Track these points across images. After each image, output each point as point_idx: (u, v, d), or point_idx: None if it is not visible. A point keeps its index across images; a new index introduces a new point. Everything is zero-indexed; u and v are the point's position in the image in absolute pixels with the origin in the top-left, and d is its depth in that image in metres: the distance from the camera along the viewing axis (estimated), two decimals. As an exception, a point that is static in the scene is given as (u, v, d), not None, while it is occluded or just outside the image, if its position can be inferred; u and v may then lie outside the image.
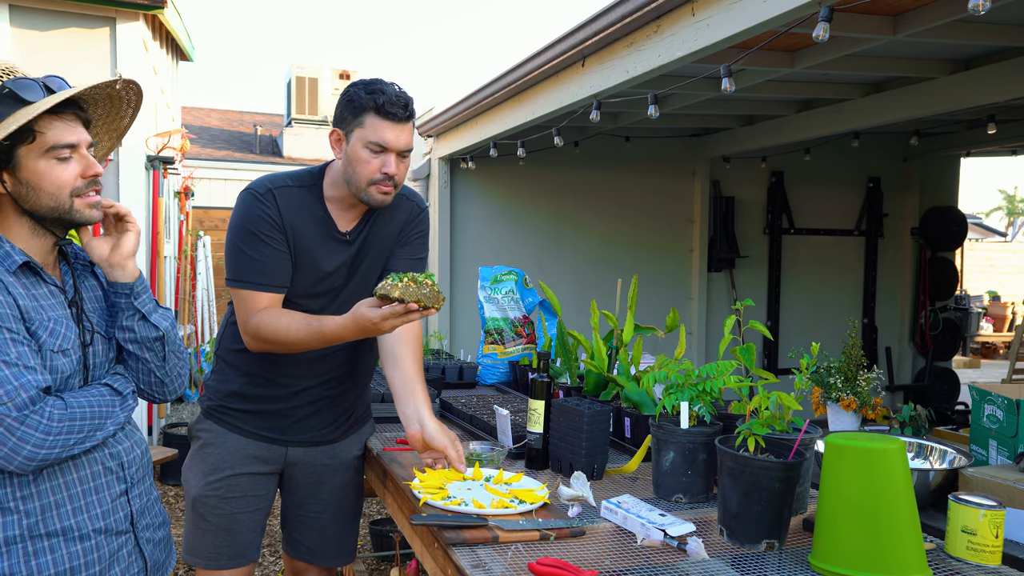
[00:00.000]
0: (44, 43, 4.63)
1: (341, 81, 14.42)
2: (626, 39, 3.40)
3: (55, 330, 1.42)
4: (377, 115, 1.90)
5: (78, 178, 1.44)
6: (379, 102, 1.89)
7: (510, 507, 1.74)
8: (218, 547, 2.11)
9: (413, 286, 1.78)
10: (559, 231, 6.17)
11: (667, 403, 1.89)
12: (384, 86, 1.93)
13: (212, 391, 2.16)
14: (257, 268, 1.95)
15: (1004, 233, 23.69)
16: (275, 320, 1.93)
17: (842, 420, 2.64)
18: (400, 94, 1.92)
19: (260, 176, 2.06)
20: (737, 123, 5.81)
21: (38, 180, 1.41)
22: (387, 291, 1.78)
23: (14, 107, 1.39)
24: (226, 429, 2.12)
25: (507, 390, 3.19)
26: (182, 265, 7.65)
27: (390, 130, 1.91)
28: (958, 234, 7.07)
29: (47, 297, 1.45)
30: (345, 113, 1.94)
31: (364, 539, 4.45)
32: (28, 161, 1.41)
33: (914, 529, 1.44)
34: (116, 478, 1.51)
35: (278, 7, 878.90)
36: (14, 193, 1.42)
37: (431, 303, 1.78)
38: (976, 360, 12.30)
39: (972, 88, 4.04)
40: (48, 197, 1.42)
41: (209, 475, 2.10)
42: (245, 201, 1.98)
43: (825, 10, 2.50)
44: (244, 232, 1.96)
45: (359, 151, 1.92)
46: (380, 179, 1.93)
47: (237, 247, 1.97)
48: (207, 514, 2.10)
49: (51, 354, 1.40)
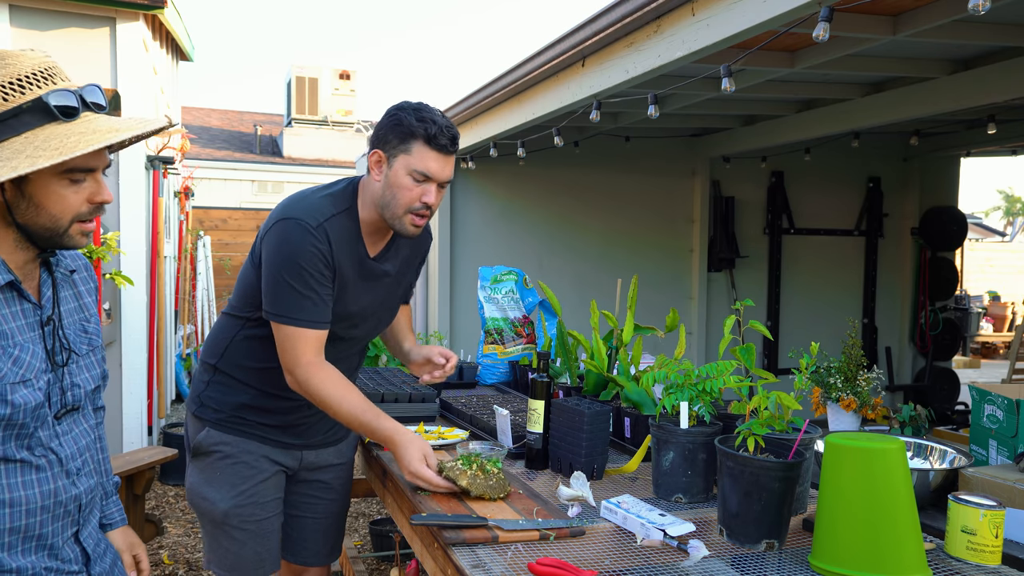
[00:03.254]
0: (44, 43, 4.63)
1: (341, 81, 14.42)
2: (626, 39, 3.39)
3: (19, 358, 1.30)
4: (427, 145, 1.86)
5: (85, 203, 1.31)
6: (430, 132, 1.86)
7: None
8: (261, 555, 2.08)
9: (481, 476, 1.82)
10: (559, 231, 6.16)
11: (667, 403, 1.89)
12: (435, 115, 1.89)
13: (217, 403, 2.08)
14: (308, 306, 1.89)
15: (1004, 233, 23.69)
16: (331, 386, 1.90)
17: (842, 420, 2.64)
18: (449, 125, 1.90)
19: (299, 201, 1.96)
20: (737, 123, 5.81)
21: (44, 199, 1.28)
22: (454, 476, 1.82)
23: (43, 120, 1.25)
24: (246, 438, 2.06)
25: (507, 390, 3.19)
26: (182, 265, 7.66)
27: (436, 161, 1.88)
28: (958, 234, 7.07)
29: (19, 318, 1.32)
30: (390, 136, 1.89)
31: (364, 539, 4.45)
32: (41, 178, 1.26)
33: (914, 529, 1.44)
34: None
35: (278, 7, 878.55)
36: (11, 203, 1.28)
37: (494, 494, 1.82)
38: (976, 360, 12.30)
39: (972, 88, 4.04)
40: (48, 218, 1.29)
41: (239, 485, 2.05)
42: (295, 232, 1.88)
43: (825, 10, 2.50)
44: (294, 267, 1.87)
45: (402, 177, 1.88)
46: (418, 208, 1.90)
47: (284, 281, 1.88)
48: (243, 524, 2.05)
49: (10, 387, 1.27)
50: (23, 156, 1.21)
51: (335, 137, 14.51)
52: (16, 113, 1.24)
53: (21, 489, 1.32)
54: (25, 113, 1.24)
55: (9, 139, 1.24)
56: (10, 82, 1.24)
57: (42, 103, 1.25)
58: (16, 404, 1.29)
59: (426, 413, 2.66)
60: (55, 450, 1.37)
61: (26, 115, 1.24)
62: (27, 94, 1.25)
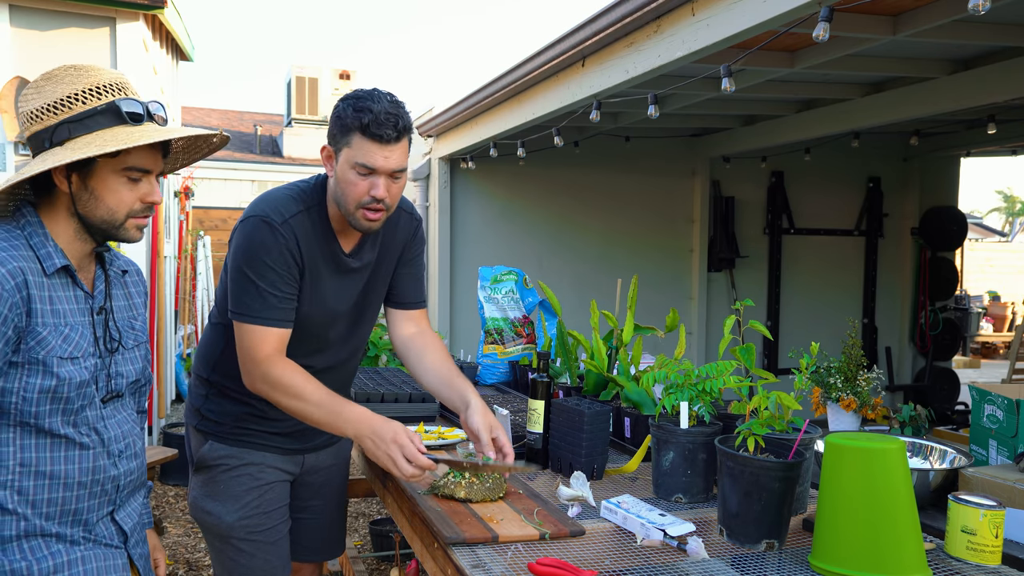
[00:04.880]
0: (44, 43, 4.63)
1: (341, 81, 14.42)
2: (626, 39, 3.40)
3: (69, 336, 1.44)
4: (364, 136, 1.77)
5: (138, 201, 1.48)
6: (364, 121, 1.75)
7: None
8: (272, 564, 2.05)
9: (476, 482, 1.81)
10: (559, 231, 6.16)
11: (667, 403, 1.89)
12: (373, 103, 1.77)
13: (218, 415, 2.03)
14: (272, 303, 1.83)
15: (1004, 233, 23.69)
16: (291, 378, 1.82)
17: (842, 420, 2.64)
18: (390, 112, 1.77)
19: (266, 199, 1.90)
20: (737, 123, 5.81)
21: (104, 192, 1.45)
22: (451, 492, 1.81)
23: (113, 122, 1.44)
24: (250, 448, 2.03)
25: (507, 390, 3.19)
26: (182, 265, 7.66)
27: (378, 152, 1.78)
28: (958, 234, 7.07)
29: (72, 302, 1.47)
30: (334, 130, 1.83)
31: (364, 539, 4.45)
32: (103, 172, 1.44)
33: (914, 529, 1.44)
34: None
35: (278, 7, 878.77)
36: (75, 194, 1.45)
37: (493, 495, 1.81)
38: (976, 360, 12.30)
39: (972, 88, 4.04)
40: (106, 210, 1.46)
41: (244, 497, 2.02)
42: (259, 230, 1.83)
43: (825, 10, 2.50)
44: (257, 264, 1.82)
45: (347, 172, 1.80)
46: (368, 202, 1.81)
47: (247, 278, 1.83)
48: (251, 536, 2.02)
49: (57, 360, 1.41)
50: (92, 147, 1.41)
51: (335, 137, 14.46)
52: (92, 114, 1.43)
53: (63, 463, 1.45)
54: (99, 115, 1.44)
55: (82, 136, 1.43)
56: (90, 89, 1.45)
57: (115, 107, 1.45)
58: (61, 377, 1.41)
59: (426, 413, 2.66)
60: (100, 431, 1.49)
61: (100, 116, 1.44)
62: (102, 100, 1.45)
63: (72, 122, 1.43)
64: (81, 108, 1.43)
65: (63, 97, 1.43)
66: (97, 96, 1.44)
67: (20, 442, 1.41)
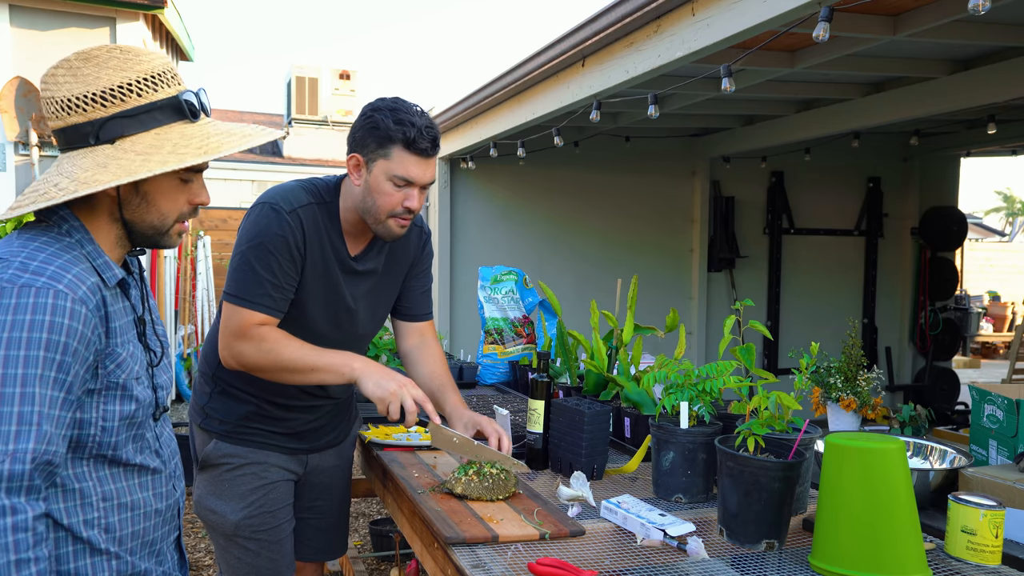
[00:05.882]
0: (44, 43, 4.63)
1: (341, 81, 14.41)
2: (626, 39, 3.39)
3: (134, 354, 1.30)
4: (406, 149, 1.80)
5: (187, 203, 1.33)
6: (409, 136, 1.78)
7: None
8: (277, 563, 2.06)
9: (476, 480, 1.82)
10: (559, 231, 6.16)
11: (667, 403, 1.89)
12: (413, 117, 1.81)
13: (222, 414, 2.04)
14: (268, 289, 1.84)
15: (1004, 233, 23.70)
16: (268, 331, 1.84)
17: (842, 420, 2.64)
18: (429, 126, 1.82)
19: (278, 189, 1.92)
20: (737, 123, 5.81)
21: (157, 196, 1.28)
22: (451, 487, 1.84)
23: (172, 118, 1.26)
24: (255, 448, 2.04)
25: (507, 390, 3.19)
26: (182, 265, 7.66)
27: (417, 165, 1.82)
28: (958, 234, 7.07)
29: (123, 315, 1.30)
30: (368, 140, 1.82)
31: (364, 539, 4.45)
32: (159, 175, 1.25)
33: (914, 529, 1.44)
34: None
35: (278, 7, 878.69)
36: (123, 199, 1.26)
37: (491, 495, 1.82)
38: (976, 360, 12.30)
39: (972, 88, 4.04)
40: (157, 215, 1.29)
41: (249, 496, 2.03)
42: (266, 216, 1.84)
43: (825, 10, 2.50)
44: (259, 248, 1.83)
45: (382, 183, 1.83)
46: (401, 212, 1.85)
47: (247, 261, 1.83)
48: (256, 535, 2.03)
49: (135, 382, 1.28)
50: (165, 152, 1.22)
51: (335, 137, 14.50)
52: (149, 109, 1.23)
53: (138, 491, 1.32)
54: (157, 110, 1.24)
55: (137, 134, 1.23)
56: (145, 78, 1.24)
57: (177, 101, 1.26)
58: (140, 400, 1.28)
59: (425, 416, 2.65)
60: (159, 452, 1.37)
61: (158, 112, 1.24)
62: (159, 92, 1.24)
63: (126, 117, 1.22)
64: (136, 102, 1.22)
65: (114, 86, 1.21)
66: (153, 88, 1.24)
67: (97, 475, 1.26)
